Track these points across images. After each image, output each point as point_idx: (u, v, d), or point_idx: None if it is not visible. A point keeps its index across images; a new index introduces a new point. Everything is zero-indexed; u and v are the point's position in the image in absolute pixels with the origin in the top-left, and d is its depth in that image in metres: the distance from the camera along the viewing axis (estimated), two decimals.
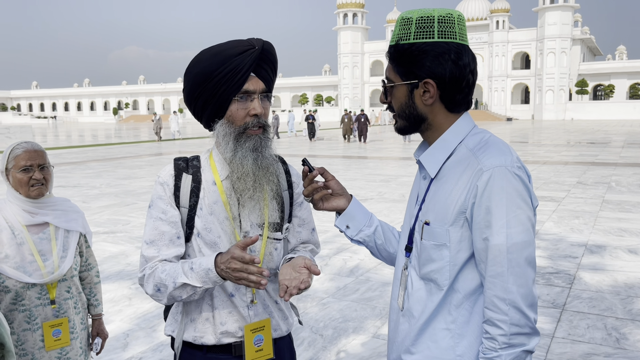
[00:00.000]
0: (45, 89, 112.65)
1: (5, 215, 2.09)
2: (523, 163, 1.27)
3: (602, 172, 13.11)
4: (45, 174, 2.11)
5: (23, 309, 2.09)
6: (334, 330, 4.01)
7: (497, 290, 1.21)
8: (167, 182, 1.57)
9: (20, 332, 2.09)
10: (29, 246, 2.09)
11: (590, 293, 4.72)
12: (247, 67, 1.49)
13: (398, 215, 8.23)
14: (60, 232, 2.18)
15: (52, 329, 2.12)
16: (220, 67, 1.48)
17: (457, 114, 1.35)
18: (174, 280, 1.46)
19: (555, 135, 29.59)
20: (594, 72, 68.97)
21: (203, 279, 1.43)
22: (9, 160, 2.08)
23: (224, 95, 1.50)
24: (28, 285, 2.08)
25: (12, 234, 2.08)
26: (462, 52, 1.29)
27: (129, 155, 20.21)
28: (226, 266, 1.38)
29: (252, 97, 1.52)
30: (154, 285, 1.50)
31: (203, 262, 1.44)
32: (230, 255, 1.37)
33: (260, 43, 1.52)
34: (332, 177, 1.52)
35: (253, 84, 1.52)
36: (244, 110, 1.52)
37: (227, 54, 1.48)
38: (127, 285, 5.10)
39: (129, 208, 9.05)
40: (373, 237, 1.55)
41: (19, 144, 2.11)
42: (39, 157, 2.09)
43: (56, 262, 2.13)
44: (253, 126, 1.52)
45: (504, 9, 69.05)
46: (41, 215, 2.13)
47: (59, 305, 2.15)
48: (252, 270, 1.34)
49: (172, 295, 1.48)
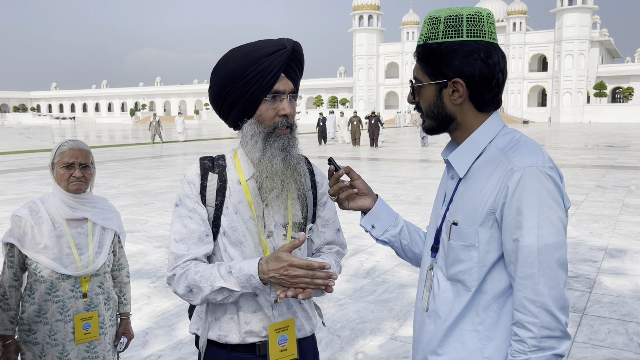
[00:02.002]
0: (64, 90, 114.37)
1: (48, 208, 2.18)
2: (555, 163, 1.26)
3: (622, 175, 12.91)
4: (86, 172, 2.19)
5: (57, 300, 2.15)
6: (351, 331, 4.00)
7: (527, 292, 1.20)
8: (194, 181, 1.58)
9: (53, 322, 2.15)
10: (67, 239, 2.17)
11: (611, 297, 4.65)
12: (278, 67, 1.49)
13: (414, 217, 8.19)
14: (97, 229, 2.25)
15: (82, 322, 2.18)
16: (251, 67, 1.48)
17: (486, 114, 1.34)
18: (211, 283, 1.46)
19: (572, 138, 29.22)
20: (613, 74, 68.04)
21: (243, 284, 1.44)
22: (55, 156, 2.19)
23: (254, 95, 1.50)
24: (63, 277, 2.15)
25: (53, 226, 2.16)
26: (491, 50, 1.28)
27: (146, 155, 20.39)
28: (281, 273, 1.38)
29: (282, 97, 1.52)
30: (185, 286, 1.50)
31: (244, 267, 1.44)
32: (287, 263, 1.37)
33: (291, 43, 1.52)
34: (358, 177, 1.52)
35: (283, 85, 1.52)
36: (273, 110, 1.52)
37: (259, 54, 1.48)
38: (146, 283, 5.15)
39: (146, 208, 9.13)
40: (399, 237, 1.54)
41: (66, 141, 2.20)
42: (82, 155, 2.18)
43: (91, 256, 2.20)
44: (282, 126, 1.53)
45: (521, 11, 68.45)
46: (81, 210, 2.21)
47: (90, 299, 2.21)
48: (319, 275, 1.36)
49: (207, 298, 1.49)
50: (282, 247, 1.41)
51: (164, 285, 5.05)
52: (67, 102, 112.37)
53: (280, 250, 1.41)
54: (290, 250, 1.40)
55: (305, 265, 1.37)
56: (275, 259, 1.40)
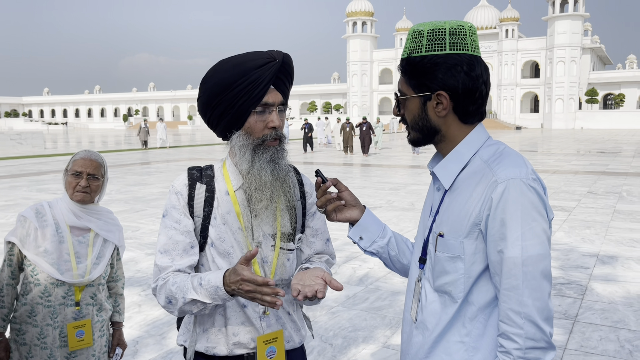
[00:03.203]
0: (56, 96, 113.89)
1: (54, 212, 2.21)
2: (538, 175, 1.27)
3: (613, 181, 13.00)
4: (93, 183, 2.21)
5: (48, 305, 2.16)
6: (343, 340, 3.99)
7: (512, 304, 1.20)
8: (181, 191, 1.58)
9: (43, 325, 2.16)
10: (68, 246, 2.18)
11: (603, 304, 4.67)
12: (267, 80, 1.49)
13: (407, 223, 8.21)
14: (98, 240, 2.27)
15: (75, 329, 2.19)
16: (240, 78, 1.48)
17: (470, 125, 1.35)
18: (183, 295, 1.46)
19: (565, 144, 29.41)
20: (604, 81, 68.61)
21: (212, 295, 1.42)
22: (69, 162, 2.23)
23: (243, 107, 1.50)
24: (57, 283, 2.17)
25: (56, 231, 2.18)
26: (474, 63, 1.30)
27: (139, 161, 20.32)
28: (237, 287, 1.36)
29: (271, 110, 1.52)
30: (165, 297, 1.50)
31: (212, 278, 1.43)
32: (239, 277, 1.34)
33: (280, 56, 1.52)
34: (346, 188, 1.52)
35: (272, 97, 1.52)
36: (262, 122, 1.52)
37: (248, 66, 1.49)
38: (137, 292, 5.12)
39: (138, 214, 9.09)
40: (386, 249, 1.54)
41: (82, 150, 2.26)
42: (92, 166, 2.20)
43: (89, 267, 2.21)
44: (271, 138, 1.53)
45: (514, 18, 68.97)
46: (85, 220, 2.23)
47: (81, 308, 2.22)
48: (266, 291, 1.32)
49: (183, 310, 1.49)
50: (240, 259, 1.37)
51: None
52: (59, 108, 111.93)
53: (238, 262, 1.37)
54: (245, 262, 1.35)
55: (252, 281, 1.32)
56: (233, 272, 1.37)
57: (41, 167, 17.93)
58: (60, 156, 23.58)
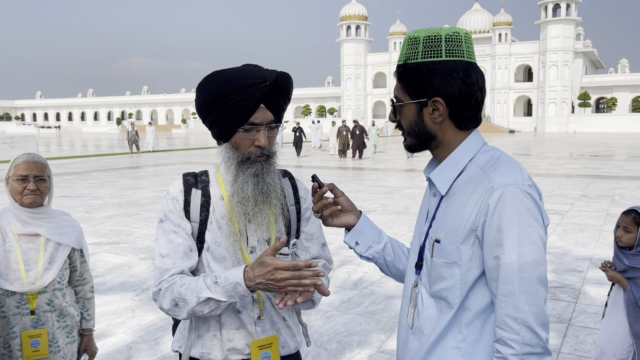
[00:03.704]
0: (49, 99, 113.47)
1: (2, 222, 2.16)
2: (534, 181, 1.27)
3: (606, 185, 13.08)
4: (41, 185, 2.16)
5: (3, 315, 2.13)
6: (338, 344, 3.98)
7: (508, 309, 1.21)
8: (177, 197, 1.58)
9: (4, 335, 2.14)
10: (16, 254, 2.14)
11: (596, 308, 4.69)
12: (256, 100, 1.48)
13: (402, 227, 8.22)
14: (50, 244, 2.21)
15: (30, 339, 2.14)
16: (229, 95, 1.48)
17: (466, 132, 1.35)
18: (197, 295, 1.44)
19: (558, 148, 29.58)
20: (597, 85, 69.09)
21: (230, 293, 1.41)
22: (10, 169, 2.17)
23: (230, 122, 1.51)
24: (8, 293, 2.13)
25: (3, 240, 2.14)
26: (470, 70, 1.30)
27: (132, 165, 20.25)
28: (267, 278, 1.35)
29: (258, 129, 1.52)
30: (171, 300, 1.48)
31: (229, 275, 1.42)
32: (272, 267, 1.35)
33: (273, 76, 1.50)
34: (342, 194, 1.52)
35: (260, 117, 1.51)
36: (249, 140, 1.52)
37: (238, 84, 1.47)
38: (131, 296, 5.09)
39: (132, 219, 9.05)
40: (382, 254, 1.55)
41: (22, 154, 2.18)
42: (37, 168, 2.15)
43: (40, 273, 2.16)
44: (256, 156, 1.53)
45: (507, 22, 69.39)
46: (34, 226, 2.17)
47: (38, 316, 2.17)
48: (306, 274, 1.33)
49: (194, 311, 1.46)
50: (265, 251, 1.38)
51: (148, 298, 5.00)
52: (52, 111, 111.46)
53: (263, 255, 1.38)
54: (273, 253, 1.37)
55: (291, 267, 1.34)
56: (260, 264, 1.38)
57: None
58: (54, 160, 23.46)
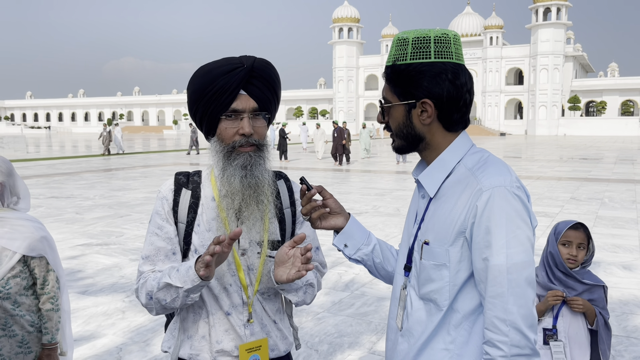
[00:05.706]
0: (39, 99, 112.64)
1: None
2: (522, 183, 1.28)
3: (595, 188, 13.18)
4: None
5: None
6: (329, 346, 3.98)
7: (497, 311, 1.21)
8: (167, 196, 1.58)
9: None
10: None
11: None
12: (235, 85, 1.48)
13: (393, 229, 8.23)
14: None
15: None
16: (209, 86, 1.48)
17: (454, 133, 1.36)
18: (158, 282, 1.47)
19: (548, 151, 29.77)
20: (586, 88, 69.69)
21: (183, 277, 1.42)
22: None
23: (214, 113, 1.51)
24: None
25: None
26: (458, 71, 1.31)
27: (123, 166, 20.13)
28: (202, 259, 1.36)
29: (242, 116, 1.51)
30: (146, 294, 1.51)
31: (188, 262, 1.45)
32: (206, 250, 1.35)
33: (250, 61, 1.51)
34: (330, 196, 1.52)
35: (242, 103, 1.50)
36: (232, 129, 1.51)
37: (216, 73, 1.49)
38: (121, 298, 5.06)
39: (122, 220, 9.00)
40: (371, 256, 1.54)
41: None
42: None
43: None
44: (241, 145, 1.51)
45: (498, 26, 69.82)
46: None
47: None
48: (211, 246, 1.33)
49: (157, 299, 1.48)
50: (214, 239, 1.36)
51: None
52: (42, 111, 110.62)
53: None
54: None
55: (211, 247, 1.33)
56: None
57: (23, 172, 17.67)
58: (44, 160, 23.28)
